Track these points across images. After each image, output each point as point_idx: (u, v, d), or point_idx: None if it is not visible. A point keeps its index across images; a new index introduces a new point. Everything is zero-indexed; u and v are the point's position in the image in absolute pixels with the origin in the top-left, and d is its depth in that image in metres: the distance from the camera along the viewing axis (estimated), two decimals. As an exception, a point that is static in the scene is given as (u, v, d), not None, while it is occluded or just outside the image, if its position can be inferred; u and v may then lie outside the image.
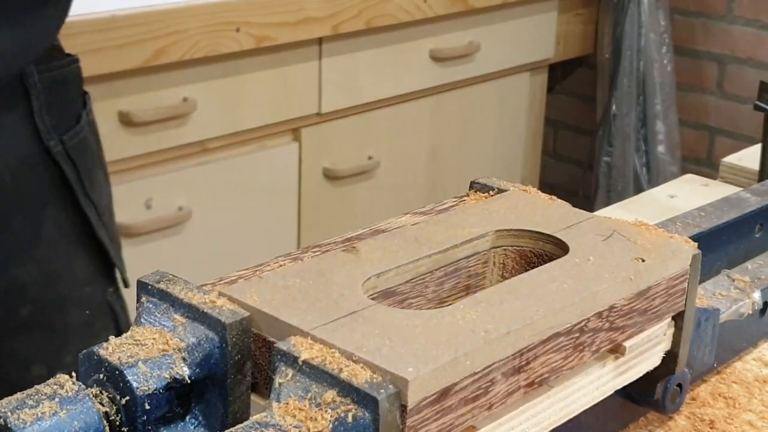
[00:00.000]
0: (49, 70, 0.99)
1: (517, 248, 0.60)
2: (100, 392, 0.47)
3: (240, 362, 0.48)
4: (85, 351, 0.48)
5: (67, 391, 0.46)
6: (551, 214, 0.62)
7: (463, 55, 2.30)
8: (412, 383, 0.44)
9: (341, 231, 0.60)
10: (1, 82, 0.92)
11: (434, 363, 0.45)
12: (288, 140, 2.08)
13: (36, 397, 0.45)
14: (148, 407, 0.47)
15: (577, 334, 0.52)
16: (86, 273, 1.05)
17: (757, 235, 0.84)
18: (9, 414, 0.44)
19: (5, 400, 0.45)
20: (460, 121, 2.38)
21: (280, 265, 0.55)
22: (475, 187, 0.66)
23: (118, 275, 1.09)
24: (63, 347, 1.03)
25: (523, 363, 0.50)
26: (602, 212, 0.93)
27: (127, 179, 1.75)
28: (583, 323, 0.52)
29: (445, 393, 0.46)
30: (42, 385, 0.46)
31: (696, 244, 0.60)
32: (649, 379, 0.61)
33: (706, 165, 2.62)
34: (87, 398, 0.46)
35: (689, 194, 1.06)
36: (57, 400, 0.45)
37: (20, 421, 0.44)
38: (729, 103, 2.61)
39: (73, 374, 0.48)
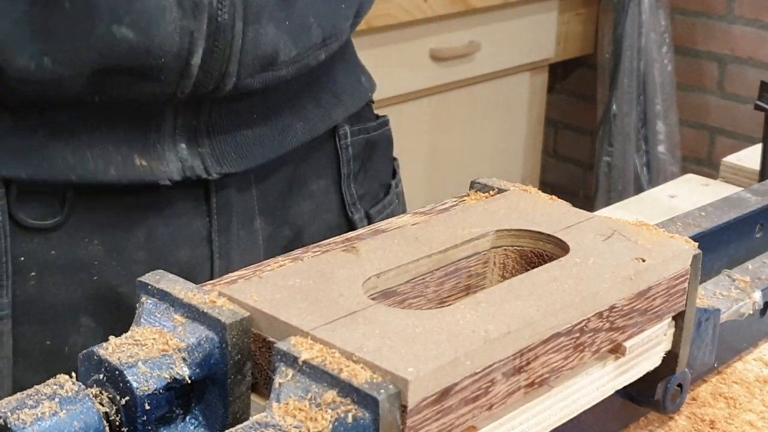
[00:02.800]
0: (363, 132, 0.90)
1: (518, 248, 0.60)
2: (100, 392, 0.47)
3: (240, 362, 0.48)
4: (85, 351, 0.48)
5: (67, 392, 0.46)
6: (551, 214, 0.62)
7: (463, 54, 2.30)
8: (413, 383, 0.44)
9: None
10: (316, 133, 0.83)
11: (434, 363, 0.45)
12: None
13: (36, 397, 0.45)
14: (148, 407, 0.47)
15: (577, 334, 0.52)
16: None
17: (757, 235, 0.84)
18: (9, 414, 0.44)
19: (5, 400, 0.45)
20: (460, 121, 2.38)
21: (280, 265, 0.55)
22: (476, 187, 0.66)
23: None
24: None
25: (523, 363, 0.50)
26: (602, 212, 0.93)
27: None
28: (583, 323, 0.52)
29: (445, 393, 0.46)
30: (42, 385, 0.46)
31: (696, 244, 0.60)
32: (649, 379, 0.61)
33: (706, 165, 2.62)
34: (87, 398, 0.46)
35: (690, 194, 1.06)
36: (57, 400, 0.45)
37: (20, 421, 0.44)
38: (729, 103, 2.61)
39: (73, 374, 0.48)
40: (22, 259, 0.70)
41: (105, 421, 0.46)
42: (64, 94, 0.68)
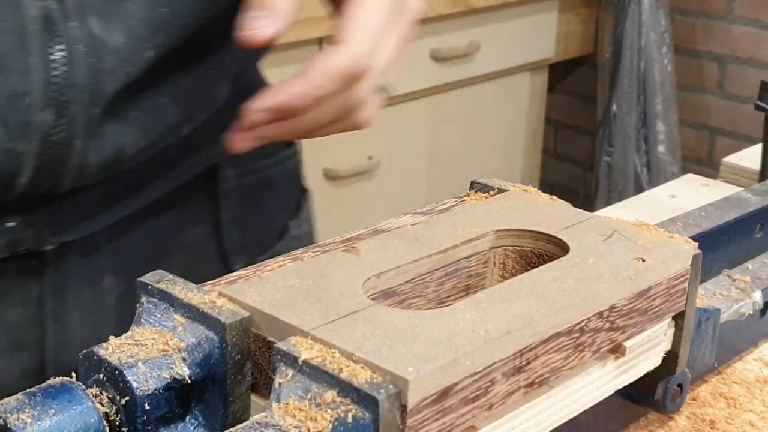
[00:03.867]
0: (253, 172, 0.79)
1: (518, 248, 0.60)
2: (100, 392, 0.47)
3: (240, 362, 0.48)
4: (84, 351, 0.48)
5: (67, 392, 0.46)
6: (551, 214, 0.62)
7: (463, 54, 2.30)
8: (413, 383, 0.44)
9: (341, 231, 0.60)
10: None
11: (434, 363, 0.45)
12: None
13: (36, 397, 0.45)
14: (147, 407, 0.47)
15: (577, 334, 0.52)
16: None
17: (757, 235, 0.84)
18: (9, 415, 0.44)
19: (5, 400, 0.45)
20: (460, 121, 2.38)
21: (280, 265, 0.55)
22: (476, 187, 0.66)
23: None
24: None
25: (523, 363, 0.50)
26: (603, 212, 0.93)
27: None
28: (583, 323, 0.52)
29: (445, 393, 0.46)
30: (42, 385, 0.46)
31: (697, 244, 0.60)
32: (649, 379, 0.61)
33: (706, 165, 2.63)
34: (87, 398, 0.46)
35: (690, 194, 1.06)
36: (57, 400, 0.45)
37: (20, 421, 0.44)
38: (729, 103, 2.61)
39: (73, 374, 0.48)
40: None
41: (105, 421, 0.46)
42: None
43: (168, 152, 0.69)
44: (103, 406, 0.47)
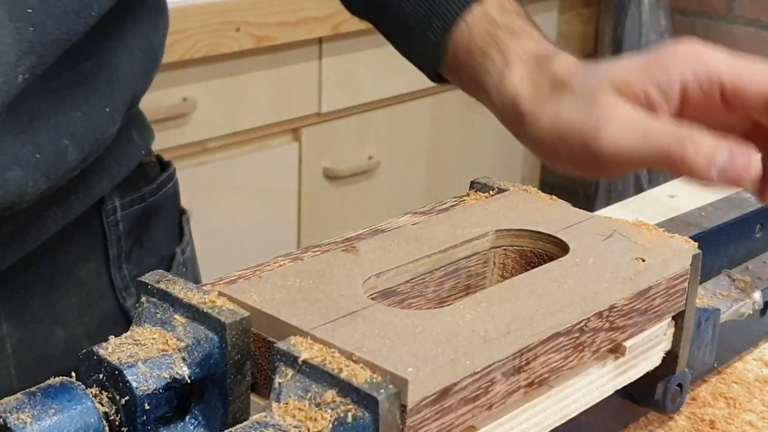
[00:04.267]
0: (137, 202, 0.77)
1: (518, 248, 0.61)
2: (100, 392, 0.47)
3: (240, 362, 0.48)
4: (84, 351, 0.48)
5: (67, 391, 0.46)
6: (551, 213, 0.62)
7: (463, 55, 2.29)
8: (412, 383, 0.44)
9: (341, 231, 0.60)
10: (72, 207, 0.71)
11: (434, 363, 0.45)
12: (288, 140, 2.08)
13: (36, 396, 0.45)
14: (147, 407, 0.47)
15: (577, 334, 0.52)
16: None
17: (757, 235, 0.84)
18: (9, 414, 0.44)
19: (5, 400, 0.45)
20: (460, 121, 2.38)
21: (280, 265, 0.55)
22: (475, 187, 0.66)
23: None
24: None
25: (523, 363, 0.50)
26: (602, 212, 0.93)
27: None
28: (583, 323, 0.52)
29: (444, 393, 0.46)
30: (42, 385, 0.46)
31: (696, 243, 0.60)
32: (649, 379, 0.61)
33: (706, 165, 2.62)
34: (87, 398, 0.46)
35: (690, 194, 1.05)
36: (57, 399, 0.45)
37: (20, 421, 0.44)
38: (729, 103, 2.61)
39: (73, 374, 0.48)
40: None
41: (105, 421, 0.46)
42: None
43: (59, 188, 0.68)
44: (102, 405, 0.47)
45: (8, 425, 0.44)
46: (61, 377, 0.47)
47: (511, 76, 0.69)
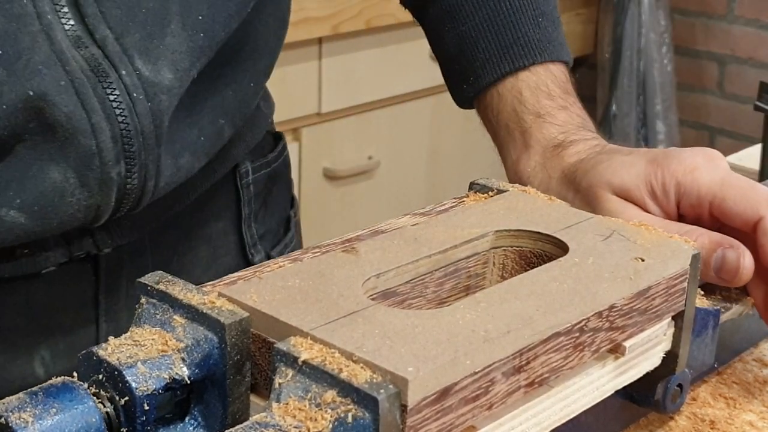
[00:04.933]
0: (264, 167, 0.83)
1: (517, 248, 0.61)
2: (100, 392, 0.47)
3: (239, 363, 0.48)
4: (84, 351, 0.48)
5: (68, 391, 0.46)
6: (551, 214, 0.62)
7: (463, 55, 2.30)
8: (412, 383, 0.44)
9: (341, 231, 0.60)
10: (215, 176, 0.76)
11: (434, 363, 0.45)
12: (288, 140, 2.08)
13: (38, 396, 0.45)
14: (147, 408, 0.47)
15: (577, 334, 0.52)
16: None
17: (757, 235, 0.83)
18: (10, 413, 0.44)
19: (6, 399, 0.45)
20: (460, 121, 2.38)
21: (280, 266, 0.55)
22: (475, 187, 0.66)
23: None
24: None
25: (523, 363, 0.50)
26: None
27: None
28: (582, 323, 0.52)
29: (445, 393, 0.46)
30: (44, 384, 0.46)
31: (695, 243, 0.60)
32: (649, 379, 0.61)
33: (706, 165, 2.62)
34: (88, 398, 0.46)
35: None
36: (58, 399, 0.45)
37: (21, 420, 0.44)
38: (729, 103, 2.61)
39: (75, 374, 0.48)
40: None
41: (105, 422, 0.46)
42: None
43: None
44: (103, 406, 0.47)
45: (9, 424, 0.44)
46: (63, 377, 0.47)
47: (528, 162, 0.76)
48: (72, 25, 0.60)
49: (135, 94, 0.61)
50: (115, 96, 0.61)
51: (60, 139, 0.60)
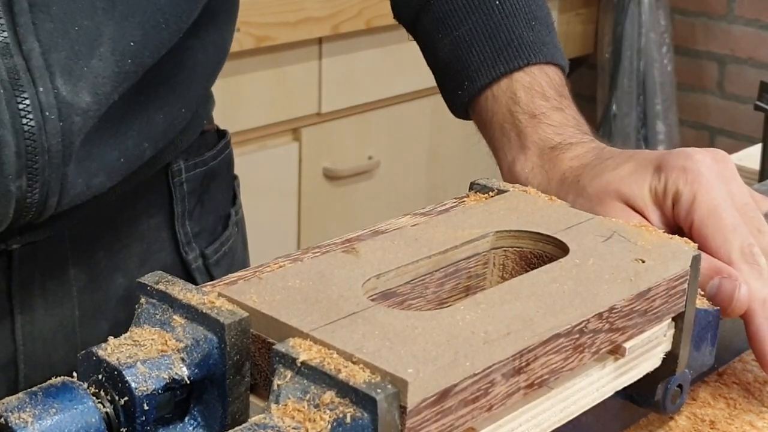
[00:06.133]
0: (200, 165, 0.82)
1: (517, 249, 0.60)
2: (99, 392, 0.47)
3: (239, 363, 0.48)
4: (84, 351, 0.48)
5: (68, 391, 0.46)
6: (551, 214, 0.62)
7: (463, 55, 2.30)
8: (412, 384, 0.44)
9: (341, 231, 0.60)
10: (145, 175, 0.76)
11: (434, 364, 0.45)
12: (288, 140, 2.08)
13: (37, 396, 0.45)
14: (146, 408, 0.47)
15: (577, 335, 0.52)
16: None
17: (757, 236, 0.83)
18: (10, 413, 0.44)
19: (6, 399, 0.45)
20: (461, 121, 2.38)
21: (280, 266, 0.55)
22: (475, 188, 0.66)
23: None
24: None
25: (523, 364, 0.49)
26: (602, 212, 0.93)
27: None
28: (583, 324, 0.52)
29: (444, 394, 0.46)
30: (44, 384, 0.46)
31: (696, 244, 0.60)
32: (649, 380, 0.60)
33: (706, 165, 2.62)
34: (88, 398, 0.46)
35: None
36: (58, 399, 0.45)
37: (21, 420, 0.44)
38: (729, 103, 2.61)
39: (74, 374, 0.48)
40: None
41: (105, 422, 0.46)
42: None
43: None
44: (104, 406, 0.47)
45: (9, 424, 0.44)
46: (62, 377, 0.47)
47: (525, 163, 0.76)
48: (3, 33, 0.59)
49: (48, 113, 0.61)
50: (27, 112, 0.60)
51: None
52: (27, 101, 0.60)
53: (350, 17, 2.03)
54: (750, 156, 1.13)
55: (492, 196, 0.65)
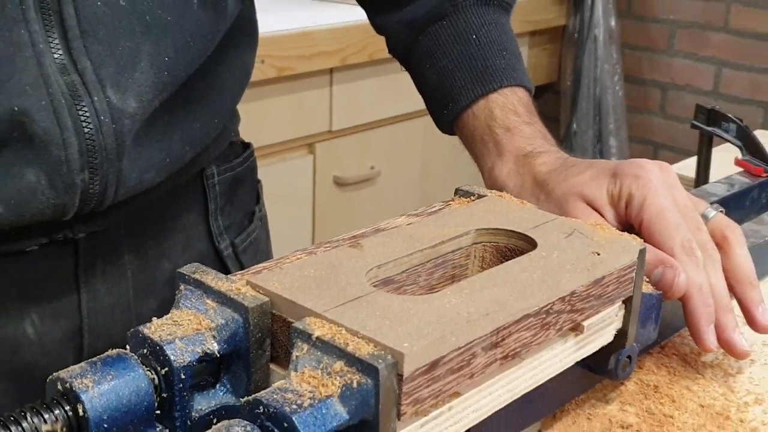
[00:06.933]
0: (229, 171, 0.83)
1: (494, 244, 0.60)
2: (144, 364, 0.47)
3: (261, 339, 0.48)
4: (132, 329, 0.48)
5: (122, 361, 0.45)
6: (522, 215, 0.61)
7: (449, 82, 2.29)
8: (408, 356, 0.44)
9: (348, 228, 0.60)
10: (182, 179, 0.76)
11: (426, 340, 0.45)
12: (304, 153, 2.08)
13: (97, 365, 0.45)
14: (183, 377, 0.46)
15: (543, 315, 0.52)
16: None
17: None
18: (74, 380, 0.44)
19: (70, 368, 0.45)
20: (447, 137, 2.38)
21: (298, 258, 0.55)
22: (459, 192, 0.66)
23: None
24: None
25: (499, 339, 0.49)
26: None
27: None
28: (548, 306, 0.52)
29: (434, 364, 0.46)
30: (102, 355, 0.46)
31: (642, 240, 0.60)
32: (603, 352, 0.60)
33: (650, 174, 2.62)
34: (138, 367, 0.45)
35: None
36: (114, 368, 0.45)
37: (83, 385, 0.44)
38: (670, 123, 2.61)
39: (127, 346, 0.48)
40: None
41: (152, 387, 0.46)
42: None
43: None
44: (152, 374, 0.46)
45: (73, 388, 0.43)
46: (117, 350, 0.46)
47: (503, 168, 0.77)
48: (60, 54, 0.60)
49: (102, 117, 0.62)
50: (86, 117, 0.61)
51: (36, 148, 0.60)
52: (85, 109, 0.61)
53: (356, 51, 2.02)
54: (687, 166, 1.13)
55: (473, 200, 0.64)
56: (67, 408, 0.43)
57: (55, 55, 0.60)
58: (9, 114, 0.59)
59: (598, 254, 0.56)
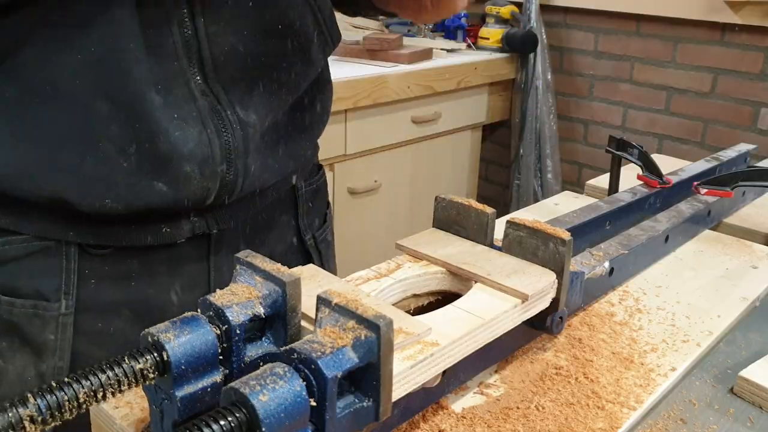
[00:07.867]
0: (311, 185, 0.83)
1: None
2: (211, 323, 0.47)
3: (294, 305, 0.48)
4: (202, 297, 0.48)
5: (195, 320, 0.45)
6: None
7: (431, 119, 2.29)
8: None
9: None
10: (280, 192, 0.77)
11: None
12: (326, 170, 2.07)
13: (176, 323, 0.45)
14: (238, 332, 0.46)
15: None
16: None
17: (607, 228, 0.83)
18: (160, 334, 0.44)
19: (156, 326, 0.44)
20: (431, 160, 2.38)
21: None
22: (439, 200, 0.66)
23: None
24: None
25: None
26: (515, 214, 0.93)
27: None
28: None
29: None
30: (180, 316, 0.46)
31: (570, 233, 0.60)
32: (542, 314, 0.60)
33: (577, 186, 2.62)
34: (207, 325, 0.45)
35: (566, 203, 1.05)
36: (189, 326, 0.45)
37: (166, 337, 0.43)
38: (591, 149, 2.61)
39: (198, 310, 0.47)
40: (86, 272, 0.66)
41: (217, 339, 0.46)
42: (113, 220, 0.63)
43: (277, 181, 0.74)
44: (216, 330, 0.46)
45: (159, 340, 0.43)
46: (191, 312, 0.46)
47: None
48: (198, 80, 0.62)
49: (234, 125, 0.64)
50: (222, 125, 0.63)
51: (190, 147, 0.62)
52: (222, 119, 0.63)
53: (364, 96, 2.02)
54: (603, 180, 1.12)
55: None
56: (155, 354, 0.43)
57: (198, 81, 0.62)
58: (172, 120, 0.61)
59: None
